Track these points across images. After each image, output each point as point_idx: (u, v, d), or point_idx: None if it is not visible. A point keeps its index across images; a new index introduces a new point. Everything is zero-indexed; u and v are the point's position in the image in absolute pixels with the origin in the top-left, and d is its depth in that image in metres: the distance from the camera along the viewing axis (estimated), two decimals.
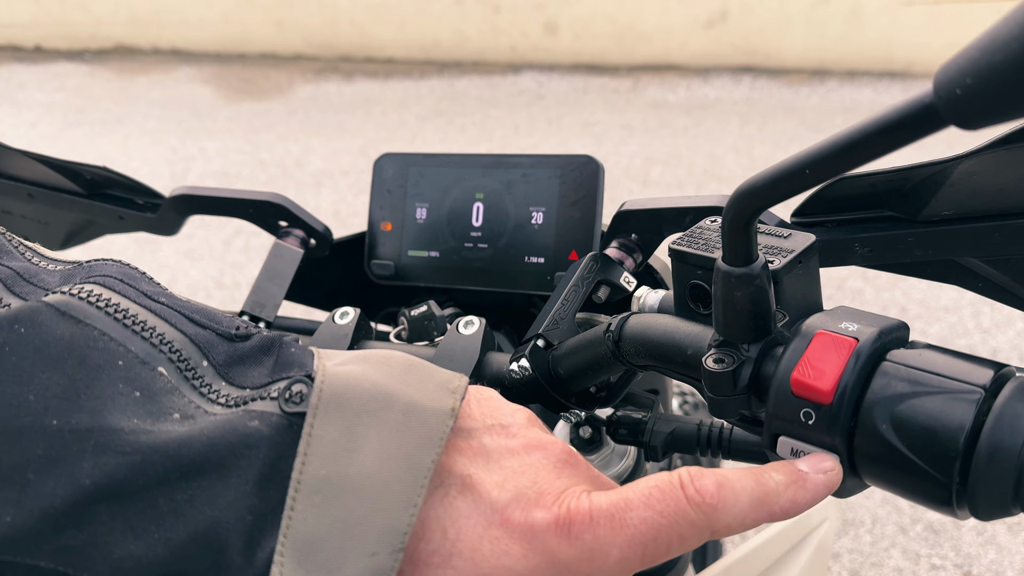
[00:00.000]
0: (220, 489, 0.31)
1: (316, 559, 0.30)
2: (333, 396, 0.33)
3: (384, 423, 0.33)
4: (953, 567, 1.87)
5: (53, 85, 5.48)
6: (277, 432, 0.32)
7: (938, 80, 0.27)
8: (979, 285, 0.55)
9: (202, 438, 0.32)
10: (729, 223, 0.37)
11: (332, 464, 0.31)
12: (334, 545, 0.30)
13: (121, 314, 0.34)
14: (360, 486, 0.31)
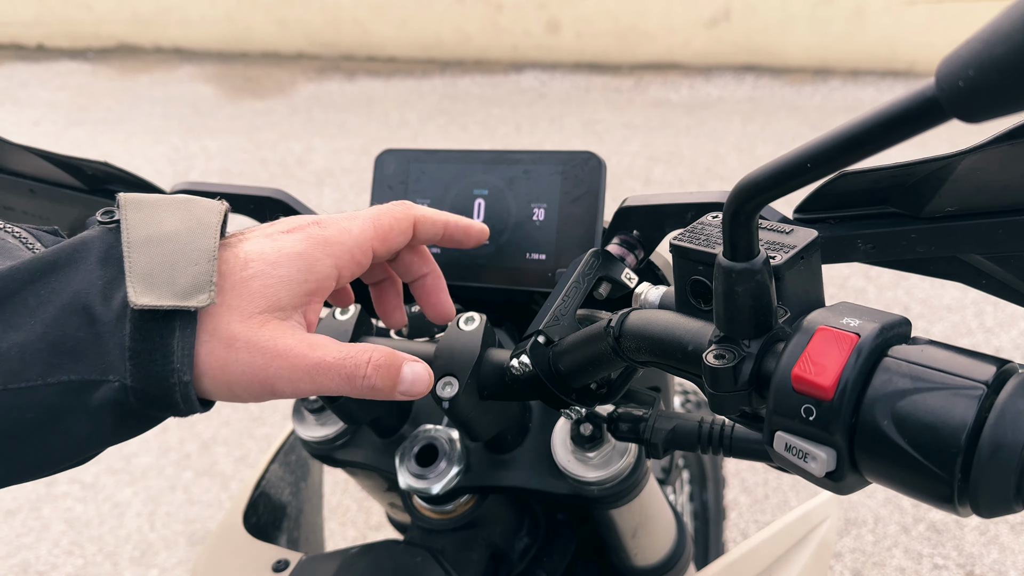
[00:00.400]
0: (73, 274, 0.42)
1: (158, 278, 0.42)
2: (134, 201, 0.45)
3: (174, 209, 0.46)
4: (956, 567, 1.87)
5: (56, 83, 5.49)
6: (103, 234, 0.44)
7: (940, 73, 0.27)
8: (982, 282, 0.55)
9: (50, 251, 0.42)
10: (730, 218, 0.37)
11: (147, 229, 0.44)
12: (167, 267, 0.43)
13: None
14: (172, 235, 0.44)
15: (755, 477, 2.16)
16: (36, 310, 0.40)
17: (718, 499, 1.51)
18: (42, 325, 0.40)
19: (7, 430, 0.40)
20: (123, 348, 0.41)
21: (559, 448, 0.67)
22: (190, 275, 0.42)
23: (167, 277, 0.42)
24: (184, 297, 0.42)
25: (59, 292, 0.41)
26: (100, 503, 2.26)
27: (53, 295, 0.41)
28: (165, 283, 0.42)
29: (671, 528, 0.80)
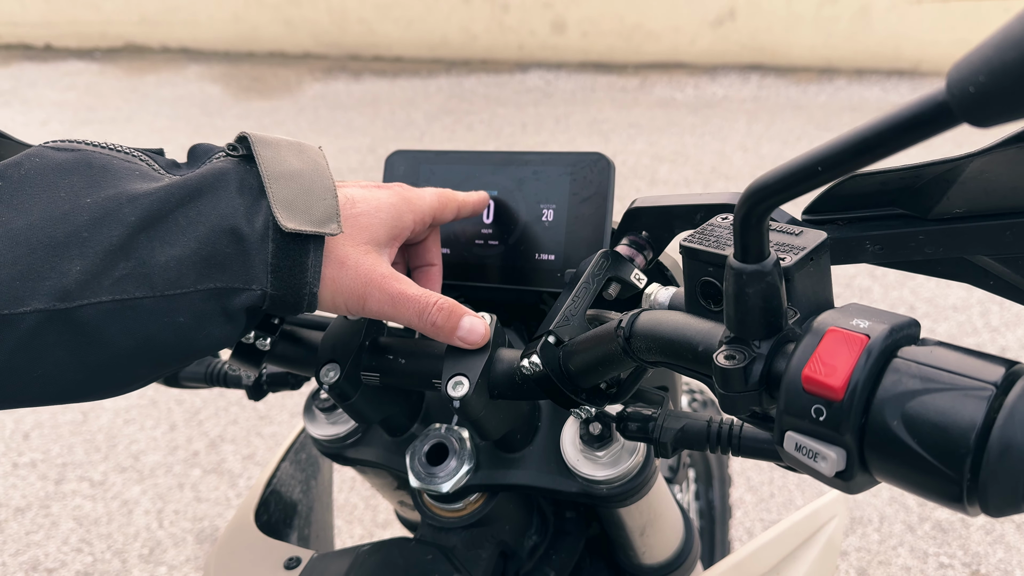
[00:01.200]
0: (216, 200, 0.48)
1: (296, 207, 0.50)
2: (260, 138, 0.52)
3: (293, 150, 0.54)
4: (961, 566, 1.87)
5: (64, 83, 5.50)
6: (236, 165, 0.51)
7: (951, 78, 0.27)
8: (990, 283, 0.55)
9: (193, 177, 0.49)
10: (741, 220, 0.37)
11: (278, 165, 0.52)
12: (303, 199, 0.51)
13: (100, 143, 0.50)
14: (300, 172, 0.52)
15: (760, 476, 2.16)
16: (187, 228, 0.47)
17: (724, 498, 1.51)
18: (195, 242, 0.46)
19: (160, 332, 0.46)
20: (266, 263, 0.49)
21: (568, 447, 0.68)
22: (322, 207, 0.51)
23: (304, 207, 0.50)
24: (320, 224, 0.51)
25: (207, 214, 0.47)
26: (109, 500, 2.28)
27: (202, 216, 0.47)
28: (303, 212, 0.50)
29: (679, 527, 0.81)
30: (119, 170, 0.47)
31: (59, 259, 0.43)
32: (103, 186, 0.46)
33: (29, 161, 0.46)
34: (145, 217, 0.45)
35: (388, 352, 0.66)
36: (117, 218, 0.45)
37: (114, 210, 0.45)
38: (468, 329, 0.59)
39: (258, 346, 0.70)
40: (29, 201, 0.44)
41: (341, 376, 0.64)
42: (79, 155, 0.47)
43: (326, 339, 0.66)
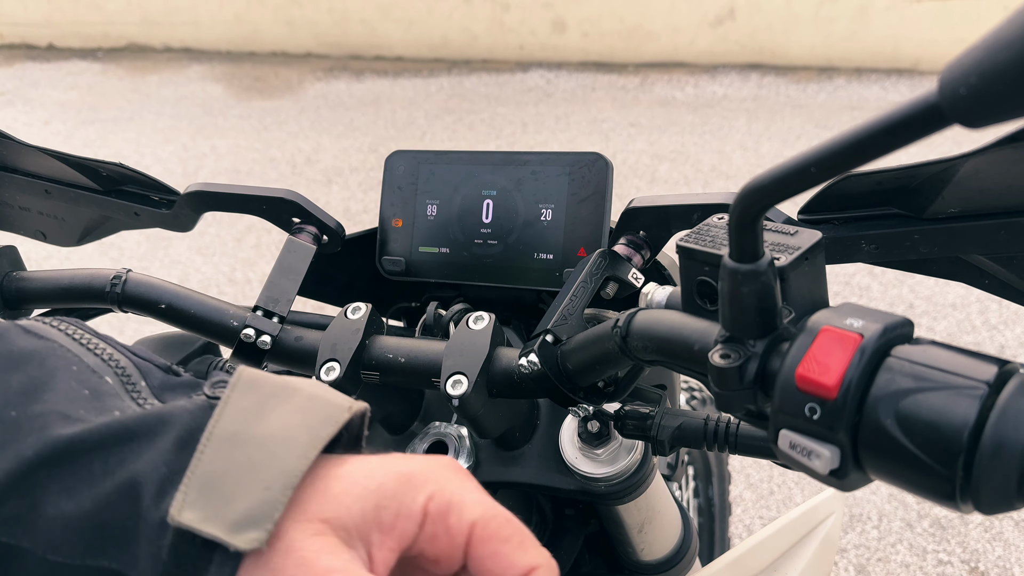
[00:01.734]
0: (144, 450, 0.36)
1: (215, 492, 0.34)
2: (250, 380, 0.38)
3: (291, 403, 0.38)
4: (960, 562, 1.87)
5: (66, 83, 5.51)
6: (199, 408, 0.37)
7: (943, 79, 0.27)
8: (985, 282, 0.56)
9: (137, 415, 0.37)
10: (736, 220, 0.37)
11: (241, 424, 0.36)
12: (233, 481, 0.34)
13: (78, 335, 0.41)
14: (263, 440, 0.36)
15: (760, 473, 2.16)
16: (95, 481, 0.35)
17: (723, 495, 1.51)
18: (92, 501, 0.35)
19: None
20: (158, 560, 0.34)
21: (567, 445, 0.68)
22: (252, 500, 0.34)
23: (228, 493, 0.34)
24: (231, 528, 0.33)
25: (123, 467, 0.35)
26: None
27: (117, 468, 0.35)
28: (221, 500, 0.34)
29: (677, 524, 0.81)
30: (68, 381, 0.38)
31: None
32: (36, 398, 0.37)
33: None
34: (49, 454, 0.35)
35: (388, 351, 0.66)
36: (20, 447, 0.35)
37: (25, 434, 0.36)
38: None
39: (259, 345, 0.70)
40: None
41: (341, 374, 0.64)
42: (41, 346, 0.39)
43: (326, 338, 0.67)
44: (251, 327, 0.70)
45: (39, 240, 0.93)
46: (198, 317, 0.72)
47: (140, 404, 0.39)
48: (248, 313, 0.72)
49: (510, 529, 0.37)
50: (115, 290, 0.74)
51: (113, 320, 2.83)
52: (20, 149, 0.81)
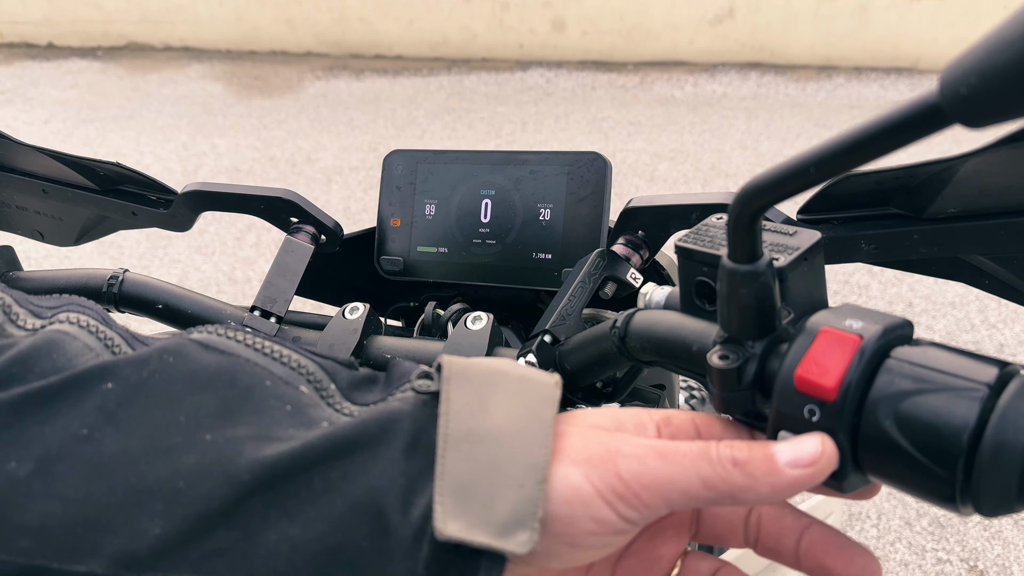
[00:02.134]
0: (372, 461, 0.34)
1: (471, 497, 0.33)
2: (460, 372, 0.37)
3: (505, 390, 0.37)
4: (959, 561, 1.87)
5: (66, 82, 5.51)
6: (416, 408, 0.36)
7: (943, 79, 0.27)
8: (985, 282, 0.55)
9: (352, 423, 0.35)
10: (734, 221, 0.37)
11: (470, 420, 0.35)
12: (485, 483, 0.33)
13: (259, 346, 0.38)
14: (498, 435, 0.35)
15: None
16: (320, 499, 0.33)
17: None
18: (324, 522, 0.33)
19: None
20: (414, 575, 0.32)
21: None
22: (511, 501, 0.33)
23: (484, 497, 0.33)
24: (499, 533, 0.32)
25: (352, 481, 0.33)
26: None
27: (344, 484, 0.33)
28: (480, 505, 0.33)
29: None
30: (266, 398, 0.36)
31: (139, 511, 0.32)
32: (235, 419, 0.35)
33: (159, 360, 0.36)
34: (266, 477, 0.33)
35: (385, 351, 0.66)
36: (229, 471, 0.33)
37: (230, 458, 0.33)
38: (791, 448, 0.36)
39: None
40: (137, 419, 0.34)
41: None
42: (226, 363, 0.37)
43: (324, 338, 0.66)
44: (249, 327, 0.70)
45: (37, 240, 0.93)
46: (195, 317, 0.72)
47: (338, 410, 0.37)
48: (245, 313, 0.71)
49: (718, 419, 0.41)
50: (112, 290, 0.74)
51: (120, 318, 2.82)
52: (17, 149, 0.81)
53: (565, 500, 0.34)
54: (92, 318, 0.40)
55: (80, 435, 0.34)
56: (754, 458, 0.35)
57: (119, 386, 0.35)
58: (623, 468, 0.35)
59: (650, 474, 0.35)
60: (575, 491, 0.34)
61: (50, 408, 0.34)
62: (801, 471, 0.35)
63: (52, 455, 0.33)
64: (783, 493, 0.35)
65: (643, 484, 0.35)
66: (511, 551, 0.32)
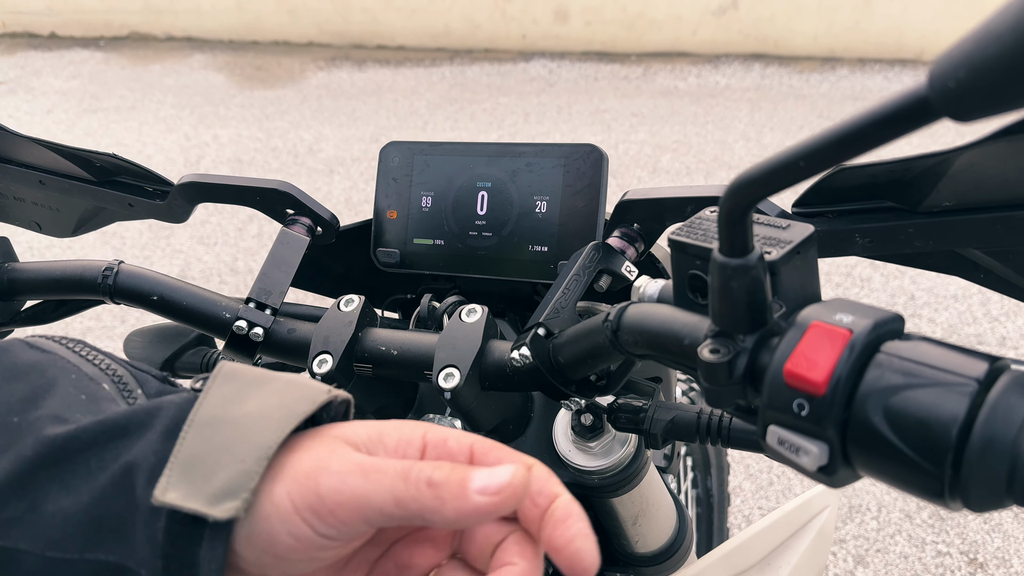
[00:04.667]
0: (135, 442, 0.38)
1: (196, 471, 0.36)
2: (230, 371, 0.41)
3: (269, 389, 0.40)
4: (959, 554, 1.88)
5: (68, 72, 5.50)
6: (185, 401, 0.39)
7: (932, 73, 0.27)
8: (980, 276, 0.55)
9: (125, 411, 0.39)
10: (725, 215, 0.37)
11: (220, 409, 0.38)
12: (211, 459, 0.36)
13: (79, 348, 0.43)
14: (240, 421, 0.38)
15: (759, 463, 2.16)
16: (91, 476, 0.37)
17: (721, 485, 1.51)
18: (89, 495, 0.36)
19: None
20: (155, 544, 0.35)
21: (560, 438, 0.68)
22: (228, 474, 0.36)
23: (207, 471, 0.36)
24: (209, 502, 0.35)
25: (116, 460, 0.37)
26: None
27: (111, 463, 0.37)
28: (201, 478, 0.36)
29: (672, 516, 0.81)
30: (67, 387, 0.40)
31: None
32: (38, 404, 0.39)
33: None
34: (46, 453, 0.37)
35: (380, 343, 0.66)
36: (19, 449, 0.37)
37: (23, 436, 0.38)
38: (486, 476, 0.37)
39: (251, 337, 0.70)
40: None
41: (334, 367, 0.64)
42: (43, 358, 0.42)
43: (319, 330, 0.66)
44: (243, 319, 0.70)
45: (34, 231, 0.93)
46: (190, 309, 0.72)
47: None
48: (241, 305, 0.71)
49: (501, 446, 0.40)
50: (107, 282, 0.74)
51: (116, 311, 2.83)
52: (14, 140, 0.81)
53: (266, 516, 0.36)
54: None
55: None
56: (449, 481, 0.36)
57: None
58: (323, 484, 0.36)
59: (348, 491, 0.36)
60: (275, 507, 0.36)
61: None
62: (488, 499, 0.36)
63: None
64: (468, 518, 0.36)
65: (338, 501, 0.36)
66: (215, 516, 0.35)
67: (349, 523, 0.36)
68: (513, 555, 0.38)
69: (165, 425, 0.38)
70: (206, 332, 0.74)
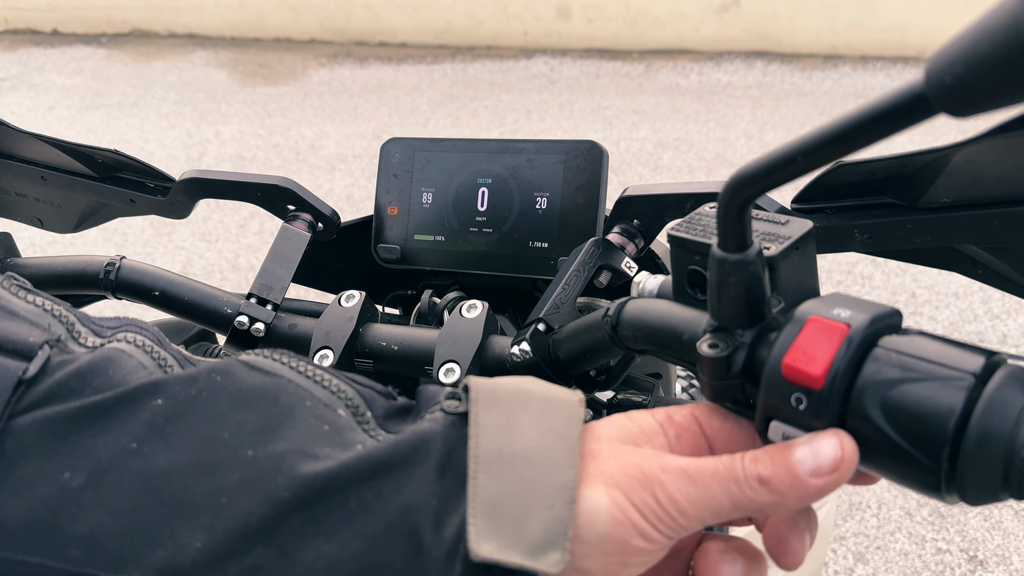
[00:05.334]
0: (405, 481, 0.35)
1: (503, 517, 0.33)
2: (488, 393, 0.38)
3: (531, 410, 0.38)
4: (959, 551, 1.88)
5: (70, 68, 5.50)
6: (447, 428, 0.36)
7: (929, 69, 0.27)
8: (978, 272, 0.55)
9: (385, 445, 0.36)
10: (723, 210, 0.37)
11: (499, 441, 0.36)
12: (516, 503, 0.34)
13: (302, 368, 0.40)
14: (527, 455, 0.35)
15: None
16: (355, 518, 0.34)
17: None
18: (359, 541, 0.34)
19: None
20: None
21: None
22: (542, 521, 0.34)
23: (515, 517, 0.34)
24: (532, 553, 0.33)
25: (386, 501, 0.34)
26: None
27: (378, 503, 0.34)
28: (512, 525, 0.33)
29: None
30: (305, 417, 0.37)
31: (183, 524, 0.34)
32: (275, 436, 0.36)
33: (207, 378, 0.38)
34: (304, 495, 0.34)
35: (381, 339, 0.66)
36: (268, 489, 0.34)
37: (270, 476, 0.34)
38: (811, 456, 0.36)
39: (253, 332, 0.70)
40: (185, 434, 0.36)
41: (334, 362, 0.64)
42: (270, 382, 0.38)
43: (320, 325, 0.67)
44: (245, 315, 0.70)
45: (36, 226, 0.93)
46: (192, 304, 0.72)
47: (372, 436, 0.38)
48: (242, 301, 0.72)
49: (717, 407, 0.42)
50: (109, 277, 0.74)
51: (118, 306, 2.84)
52: (16, 136, 0.81)
53: (617, 522, 0.35)
54: (148, 339, 0.41)
55: (130, 448, 0.35)
56: (777, 474, 0.36)
57: (168, 402, 0.36)
58: (660, 493, 0.36)
59: (684, 499, 0.36)
60: (624, 512, 0.35)
61: (104, 422, 0.36)
62: (825, 479, 0.35)
63: (103, 467, 0.35)
64: (810, 501, 0.36)
65: (680, 510, 0.36)
66: (543, 571, 0.33)
67: (689, 528, 0.36)
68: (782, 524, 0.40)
69: (436, 461, 0.35)
70: (208, 327, 0.74)
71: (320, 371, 0.40)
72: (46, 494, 0.34)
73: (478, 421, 0.36)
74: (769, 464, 0.36)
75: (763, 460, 0.36)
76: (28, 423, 0.35)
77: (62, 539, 0.34)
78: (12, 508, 0.34)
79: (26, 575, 0.33)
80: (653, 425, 0.41)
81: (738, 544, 0.42)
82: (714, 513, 0.36)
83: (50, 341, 0.38)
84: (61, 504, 0.34)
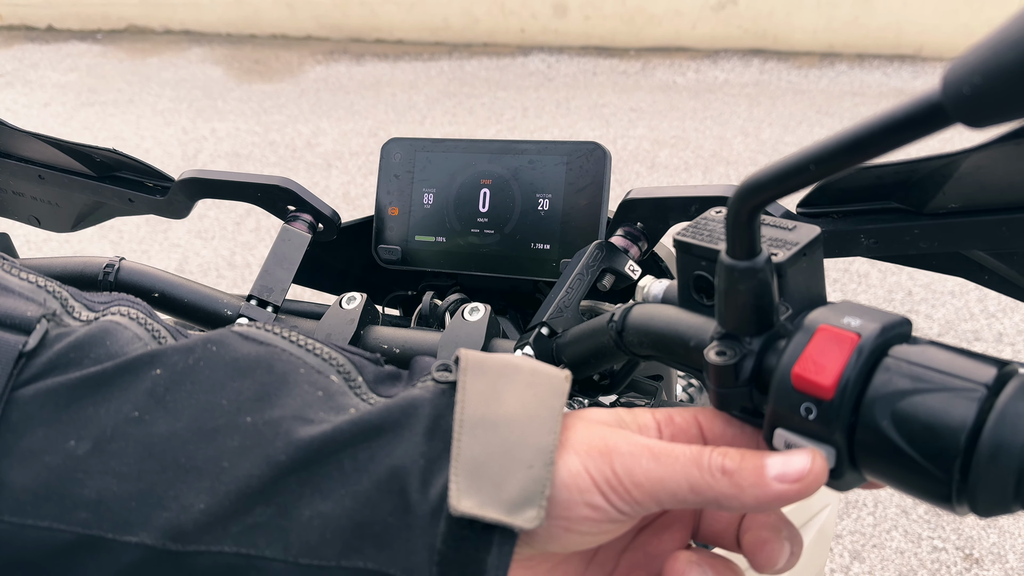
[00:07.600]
0: (396, 443, 0.37)
1: (483, 476, 0.35)
2: (477, 364, 0.40)
3: (517, 381, 0.39)
4: (954, 549, 1.88)
5: (66, 65, 5.48)
6: (436, 396, 0.38)
7: (947, 78, 0.27)
8: (984, 278, 0.55)
9: (378, 409, 0.38)
10: (733, 218, 0.37)
11: (484, 407, 0.38)
12: (496, 464, 0.36)
13: (295, 338, 0.42)
14: (510, 421, 0.37)
15: None
16: (349, 478, 0.36)
17: None
18: (352, 499, 0.36)
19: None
20: (432, 550, 0.35)
21: None
22: (521, 481, 0.36)
23: (496, 476, 0.36)
24: (509, 510, 0.35)
25: (377, 462, 0.36)
26: None
27: (371, 464, 0.36)
28: (492, 484, 0.35)
29: None
30: (300, 384, 0.39)
31: (186, 487, 0.35)
32: (272, 403, 0.38)
33: (203, 348, 0.39)
34: (301, 458, 0.36)
35: (382, 341, 0.66)
36: (267, 452, 0.36)
37: (268, 440, 0.36)
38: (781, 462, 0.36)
39: None
40: (184, 402, 0.37)
41: None
42: (264, 351, 0.40)
43: (321, 327, 0.66)
44: (245, 316, 0.70)
45: (33, 225, 0.92)
46: (192, 306, 0.72)
47: (364, 400, 0.40)
48: (242, 302, 0.71)
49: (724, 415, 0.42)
50: (108, 278, 0.74)
51: None
52: (14, 134, 0.80)
53: (565, 485, 0.36)
54: (141, 312, 0.43)
55: (132, 417, 0.37)
56: (743, 468, 0.36)
57: (167, 372, 0.38)
58: (618, 463, 0.37)
59: (642, 473, 0.37)
60: (574, 478, 0.36)
61: (105, 391, 0.37)
62: (787, 486, 0.36)
63: (107, 435, 0.36)
64: (768, 505, 0.36)
65: (635, 482, 0.37)
66: (520, 526, 0.35)
67: (643, 503, 0.37)
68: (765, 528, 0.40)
69: (425, 425, 0.37)
70: (207, 329, 0.73)
71: (311, 340, 0.42)
72: (53, 462, 0.35)
73: (465, 388, 0.38)
74: (737, 458, 0.37)
75: (732, 455, 0.37)
76: (31, 394, 0.37)
77: (70, 503, 0.35)
78: (20, 476, 0.35)
79: (36, 539, 0.35)
80: (650, 421, 0.41)
81: (712, 558, 0.41)
82: (670, 493, 0.36)
83: (47, 315, 0.39)
84: (68, 470, 0.35)
